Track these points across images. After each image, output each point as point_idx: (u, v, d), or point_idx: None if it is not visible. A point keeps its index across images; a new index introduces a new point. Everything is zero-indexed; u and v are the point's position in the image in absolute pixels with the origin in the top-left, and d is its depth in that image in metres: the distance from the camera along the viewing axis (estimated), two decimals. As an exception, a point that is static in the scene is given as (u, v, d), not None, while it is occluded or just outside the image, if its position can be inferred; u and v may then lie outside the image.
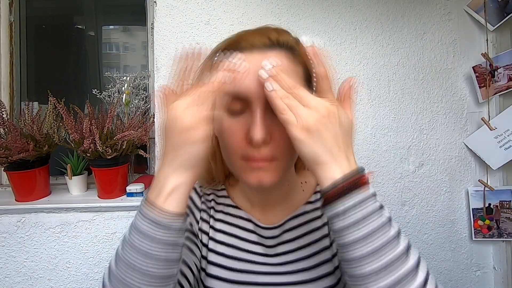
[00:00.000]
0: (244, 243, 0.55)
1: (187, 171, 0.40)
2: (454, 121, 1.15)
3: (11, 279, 1.01)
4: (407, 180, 1.14)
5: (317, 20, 1.10)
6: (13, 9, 1.22)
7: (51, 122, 1.04)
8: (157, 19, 1.04)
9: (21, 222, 1.00)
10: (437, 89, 1.14)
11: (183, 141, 0.40)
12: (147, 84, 1.20)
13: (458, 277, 1.15)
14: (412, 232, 1.14)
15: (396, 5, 1.12)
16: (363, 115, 1.12)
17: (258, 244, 0.55)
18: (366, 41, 1.11)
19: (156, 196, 0.39)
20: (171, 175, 0.40)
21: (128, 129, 1.02)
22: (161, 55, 1.04)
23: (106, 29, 1.41)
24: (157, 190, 0.40)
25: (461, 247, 1.15)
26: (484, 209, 1.12)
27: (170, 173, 0.40)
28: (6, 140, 0.96)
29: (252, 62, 0.45)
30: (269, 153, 0.45)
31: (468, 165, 1.15)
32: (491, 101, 1.12)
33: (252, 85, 0.44)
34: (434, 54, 1.14)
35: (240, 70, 0.43)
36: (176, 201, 0.39)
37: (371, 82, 1.12)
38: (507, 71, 1.07)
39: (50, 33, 1.37)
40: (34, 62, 1.31)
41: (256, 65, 0.44)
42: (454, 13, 1.13)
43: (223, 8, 1.05)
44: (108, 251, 1.03)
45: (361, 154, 1.12)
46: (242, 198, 0.59)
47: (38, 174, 1.04)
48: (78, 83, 1.37)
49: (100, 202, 1.02)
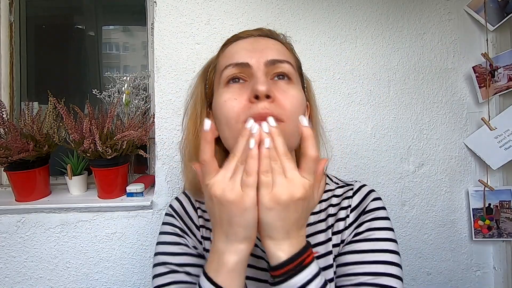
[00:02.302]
0: None
1: (242, 243, 0.40)
2: (454, 121, 1.15)
3: (11, 279, 1.01)
4: (407, 180, 1.14)
5: (317, 20, 1.09)
6: (13, 9, 1.21)
7: (51, 122, 1.04)
8: (157, 19, 1.04)
9: (21, 222, 1.00)
10: (437, 89, 1.14)
11: (231, 215, 0.39)
12: (147, 84, 1.20)
13: (458, 277, 1.15)
14: (412, 232, 1.14)
15: (396, 5, 1.12)
16: (363, 115, 1.12)
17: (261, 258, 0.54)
18: (366, 41, 1.11)
19: (216, 271, 0.40)
20: (227, 251, 0.40)
21: (128, 129, 1.02)
22: (161, 55, 1.04)
23: (106, 29, 1.41)
24: (215, 265, 0.41)
25: (461, 247, 1.15)
26: (484, 209, 1.12)
27: (227, 249, 0.40)
28: (6, 140, 0.96)
29: (248, 41, 0.52)
30: (276, 110, 0.45)
31: (468, 165, 1.15)
32: (491, 101, 1.12)
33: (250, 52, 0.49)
34: (434, 54, 1.14)
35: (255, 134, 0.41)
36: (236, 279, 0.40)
37: (371, 82, 1.12)
38: (507, 71, 1.07)
39: (50, 33, 1.37)
40: (34, 62, 1.31)
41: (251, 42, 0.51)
42: (454, 13, 1.13)
43: (223, 8, 1.05)
44: (108, 251, 1.03)
45: (361, 154, 1.12)
46: None
47: (38, 174, 1.04)
48: (78, 83, 1.37)
49: (100, 202, 1.02)
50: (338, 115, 1.11)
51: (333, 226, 0.55)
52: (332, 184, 0.61)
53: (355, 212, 0.55)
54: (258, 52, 0.49)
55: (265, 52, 0.49)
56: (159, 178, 1.04)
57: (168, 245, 0.56)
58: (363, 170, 1.12)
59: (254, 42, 0.51)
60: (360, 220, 0.53)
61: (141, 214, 1.03)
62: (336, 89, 1.10)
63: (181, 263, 0.54)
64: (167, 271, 0.53)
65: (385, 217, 0.53)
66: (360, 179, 1.12)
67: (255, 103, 0.44)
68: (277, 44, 0.52)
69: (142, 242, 1.04)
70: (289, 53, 0.54)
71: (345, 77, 1.11)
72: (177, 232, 0.57)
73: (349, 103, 1.11)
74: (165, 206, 1.04)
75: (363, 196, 0.56)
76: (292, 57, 0.54)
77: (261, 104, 0.44)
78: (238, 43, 0.52)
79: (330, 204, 0.57)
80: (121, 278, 1.04)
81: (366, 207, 0.54)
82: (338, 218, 0.55)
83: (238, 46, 0.52)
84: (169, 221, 0.59)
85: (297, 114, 0.45)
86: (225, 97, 0.47)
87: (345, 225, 0.54)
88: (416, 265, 1.14)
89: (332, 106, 1.10)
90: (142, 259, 1.04)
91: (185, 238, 0.57)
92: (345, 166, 1.12)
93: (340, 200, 0.57)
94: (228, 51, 0.52)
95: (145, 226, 1.03)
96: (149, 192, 1.10)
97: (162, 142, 1.04)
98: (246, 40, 0.52)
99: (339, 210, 0.56)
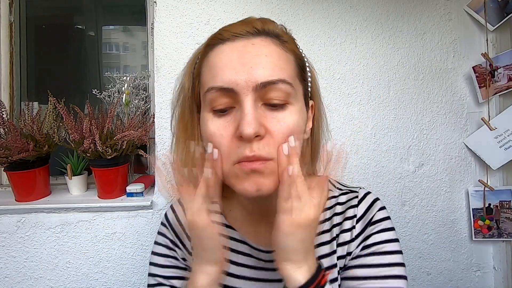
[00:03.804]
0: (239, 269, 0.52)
1: (211, 265, 0.43)
2: (454, 121, 1.15)
3: (11, 279, 1.01)
4: (407, 180, 1.14)
5: (317, 20, 1.09)
6: (13, 9, 1.21)
7: (51, 122, 1.04)
8: (157, 19, 1.04)
9: (21, 222, 1.00)
10: (437, 89, 1.14)
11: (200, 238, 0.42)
12: (147, 84, 1.20)
13: (458, 277, 1.15)
14: (412, 232, 1.14)
15: (396, 5, 1.12)
16: (363, 115, 1.12)
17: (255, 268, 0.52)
18: (366, 41, 1.11)
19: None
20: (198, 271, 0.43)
21: (128, 129, 1.02)
22: (161, 55, 1.04)
23: (106, 29, 1.41)
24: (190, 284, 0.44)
25: (461, 247, 1.15)
26: (484, 209, 1.12)
27: (198, 269, 0.44)
28: (6, 140, 0.96)
29: (235, 49, 0.42)
30: (265, 150, 0.40)
31: (468, 165, 1.15)
32: (491, 101, 1.12)
33: (237, 73, 0.40)
34: (434, 54, 1.14)
35: None
36: None
37: (371, 82, 1.12)
38: (507, 71, 1.07)
39: (50, 33, 1.37)
40: (34, 62, 1.30)
41: (238, 51, 0.42)
42: (454, 13, 1.13)
43: (223, 8, 1.06)
44: (108, 251, 1.03)
45: (361, 154, 1.12)
46: (236, 214, 0.54)
47: (38, 174, 1.04)
48: (78, 83, 1.37)
49: (100, 202, 1.02)
50: (338, 115, 1.11)
51: (338, 237, 0.52)
52: (335, 190, 0.57)
53: (361, 222, 0.52)
54: (246, 69, 0.40)
55: (256, 69, 0.40)
56: (159, 178, 1.04)
57: (158, 257, 0.56)
58: (363, 170, 1.12)
59: (243, 50, 0.42)
60: (367, 231, 0.51)
61: (141, 214, 1.03)
62: (336, 89, 1.10)
63: (168, 275, 0.54)
64: (155, 284, 0.54)
65: (392, 228, 0.52)
66: (360, 179, 1.12)
67: (242, 142, 0.40)
68: (270, 48, 0.43)
69: (142, 242, 1.04)
70: (286, 56, 0.44)
71: (345, 77, 1.11)
72: (167, 244, 0.57)
73: (349, 103, 1.11)
74: (165, 206, 1.04)
75: (369, 205, 0.53)
76: (290, 62, 0.45)
77: (248, 147, 0.40)
78: (223, 50, 0.43)
79: (334, 213, 0.54)
80: (121, 278, 1.04)
81: (372, 217, 0.52)
82: (343, 229, 0.52)
83: (223, 58, 0.43)
84: (162, 231, 0.59)
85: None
86: (211, 127, 0.43)
87: (351, 237, 0.51)
88: (416, 265, 1.15)
89: (332, 106, 1.10)
90: (142, 259, 1.04)
91: (174, 251, 0.56)
92: (345, 166, 1.12)
93: (345, 209, 0.54)
94: (212, 61, 0.44)
95: (145, 226, 1.03)
96: (149, 192, 1.10)
97: (162, 142, 1.04)
98: (233, 45, 0.43)
99: (344, 220, 0.53)
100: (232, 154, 0.41)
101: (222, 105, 0.42)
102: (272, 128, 0.41)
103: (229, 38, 0.43)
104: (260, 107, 0.41)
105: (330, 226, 0.53)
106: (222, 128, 0.42)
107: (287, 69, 0.43)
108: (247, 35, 0.43)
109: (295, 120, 0.43)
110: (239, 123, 0.40)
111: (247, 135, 0.38)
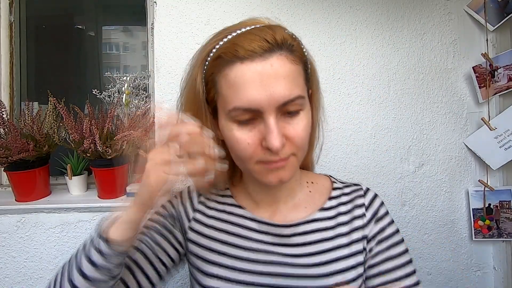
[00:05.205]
0: (247, 242, 0.55)
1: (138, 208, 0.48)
2: (454, 121, 1.15)
3: (11, 279, 1.01)
4: (407, 180, 1.14)
5: (317, 20, 1.10)
6: (13, 9, 1.21)
7: (51, 122, 1.04)
8: (157, 19, 1.04)
9: (21, 222, 1.00)
10: (437, 89, 1.14)
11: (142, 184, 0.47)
12: (147, 84, 1.20)
13: (458, 277, 1.15)
14: (412, 232, 1.14)
15: (396, 5, 1.12)
16: (363, 115, 1.12)
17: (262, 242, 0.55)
18: (366, 41, 1.11)
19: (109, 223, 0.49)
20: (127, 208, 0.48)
21: (128, 129, 1.02)
22: (161, 55, 1.04)
23: (106, 29, 1.41)
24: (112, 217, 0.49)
25: (461, 247, 1.15)
26: (484, 209, 1.12)
27: (128, 206, 0.48)
28: (6, 140, 0.96)
29: (255, 71, 0.44)
30: (287, 153, 0.48)
31: (468, 165, 1.15)
32: (491, 101, 1.12)
33: (260, 95, 0.44)
34: (434, 54, 1.14)
35: None
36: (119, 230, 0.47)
37: (371, 82, 1.12)
38: (507, 71, 1.07)
39: (50, 33, 1.37)
40: (34, 62, 1.30)
41: (259, 74, 0.44)
42: (454, 13, 1.13)
43: (223, 8, 1.05)
44: (108, 251, 1.03)
45: (361, 154, 1.12)
46: (245, 197, 0.60)
47: (38, 174, 1.04)
48: (78, 83, 1.37)
49: (100, 202, 1.02)
50: (338, 115, 1.11)
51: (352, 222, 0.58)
52: (338, 182, 0.63)
53: (369, 210, 0.58)
54: (269, 93, 0.44)
55: (276, 92, 0.44)
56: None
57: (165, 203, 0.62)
58: (363, 170, 1.12)
59: (262, 73, 0.44)
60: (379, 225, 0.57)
61: (141, 214, 1.03)
62: (336, 89, 1.10)
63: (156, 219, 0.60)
64: None
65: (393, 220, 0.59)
66: (360, 179, 1.12)
67: (268, 151, 0.47)
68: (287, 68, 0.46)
69: (142, 242, 1.04)
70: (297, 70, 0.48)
71: (345, 77, 1.11)
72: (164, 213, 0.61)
73: (349, 103, 1.11)
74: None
75: (372, 197, 0.60)
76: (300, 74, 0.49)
77: (274, 155, 0.47)
78: (244, 72, 0.45)
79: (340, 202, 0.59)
80: (121, 278, 1.04)
81: (378, 211, 0.58)
82: (355, 215, 0.58)
83: (245, 79, 0.45)
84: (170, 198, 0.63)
85: (307, 140, 0.50)
86: (237, 136, 0.48)
87: (363, 222, 0.57)
88: (416, 265, 1.14)
89: (332, 106, 1.10)
90: (142, 259, 1.04)
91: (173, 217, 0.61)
92: (345, 166, 1.12)
93: (353, 198, 0.60)
94: (232, 80, 0.46)
95: (145, 226, 1.03)
96: (149, 192, 1.09)
97: (162, 142, 1.04)
98: (252, 66, 0.45)
99: (354, 208, 0.58)
100: (256, 156, 0.48)
101: (246, 118, 0.47)
102: (290, 134, 0.47)
103: (247, 57, 0.45)
104: (279, 118, 0.47)
105: (336, 214, 0.57)
106: (248, 138, 0.47)
107: (300, 83, 0.49)
108: (263, 54, 0.45)
109: (307, 121, 0.50)
110: (264, 136, 0.46)
111: (276, 149, 0.45)
